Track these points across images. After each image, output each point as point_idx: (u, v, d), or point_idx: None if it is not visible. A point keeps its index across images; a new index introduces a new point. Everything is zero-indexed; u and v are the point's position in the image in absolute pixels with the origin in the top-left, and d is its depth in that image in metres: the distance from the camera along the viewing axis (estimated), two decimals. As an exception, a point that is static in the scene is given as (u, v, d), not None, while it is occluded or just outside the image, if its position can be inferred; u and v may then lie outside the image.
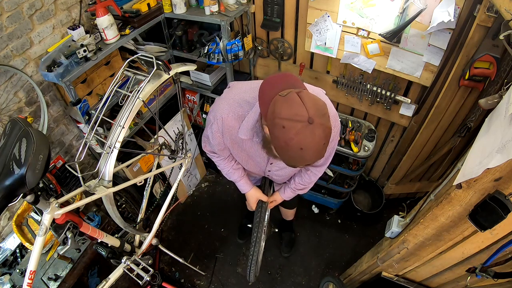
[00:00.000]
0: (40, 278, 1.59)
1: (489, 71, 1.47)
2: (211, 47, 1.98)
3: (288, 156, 0.86)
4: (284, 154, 0.87)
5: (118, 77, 1.29)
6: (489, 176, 0.81)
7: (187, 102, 2.63)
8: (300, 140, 0.81)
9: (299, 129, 0.80)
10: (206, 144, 1.36)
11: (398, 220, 1.41)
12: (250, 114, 1.06)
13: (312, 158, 0.85)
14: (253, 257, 1.46)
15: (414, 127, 2.04)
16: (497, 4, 1.09)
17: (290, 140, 0.81)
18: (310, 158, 0.85)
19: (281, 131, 0.82)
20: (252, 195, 1.53)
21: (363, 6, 1.63)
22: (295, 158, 0.86)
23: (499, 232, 0.95)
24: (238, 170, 1.44)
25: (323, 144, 0.84)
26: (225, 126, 1.13)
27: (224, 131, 1.15)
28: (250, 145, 1.20)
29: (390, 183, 2.47)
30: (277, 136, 0.84)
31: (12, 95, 1.58)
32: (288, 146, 0.82)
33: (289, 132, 0.81)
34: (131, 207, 2.17)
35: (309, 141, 0.81)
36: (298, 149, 0.82)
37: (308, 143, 0.82)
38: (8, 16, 1.43)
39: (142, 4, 1.84)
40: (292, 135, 0.81)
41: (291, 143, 0.81)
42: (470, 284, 1.21)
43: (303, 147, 0.81)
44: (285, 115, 0.81)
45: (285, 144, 0.83)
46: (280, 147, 0.86)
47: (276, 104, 0.84)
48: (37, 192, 1.01)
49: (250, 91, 1.11)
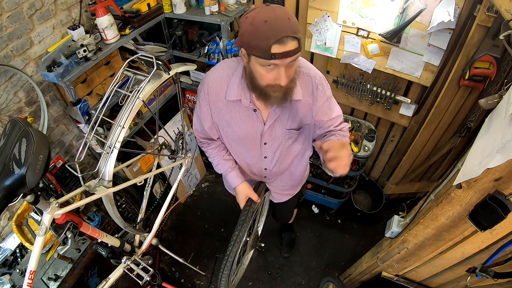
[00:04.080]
0: (40, 278, 1.59)
1: (489, 71, 1.48)
2: (211, 47, 1.98)
3: (259, 34, 0.86)
4: (255, 36, 0.87)
5: (118, 77, 1.28)
6: (489, 176, 0.81)
7: (187, 102, 2.63)
8: (262, 14, 0.86)
9: (259, 9, 0.88)
10: (197, 125, 1.31)
11: (398, 220, 1.41)
12: (235, 74, 1.08)
13: (280, 26, 0.85)
14: (228, 258, 1.26)
15: (414, 127, 2.04)
16: (497, 4, 1.09)
17: (253, 19, 0.86)
18: (279, 27, 0.85)
19: (245, 21, 0.89)
20: (241, 190, 1.37)
21: (363, 6, 1.63)
22: (266, 33, 0.85)
23: (499, 232, 0.95)
24: (228, 161, 1.36)
25: (288, 18, 0.86)
26: (211, 91, 1.12)
27: (210, 99, 1.14)
28: (239, 111, 1.14)
29: (390, 183, 2.47)
30: (244, 28, 0.89)
31: (12, 95, 1.58)
32: (253, 24, 0.86)
33: (251, 15, 0.88)
34: (131, 207, 2.17)
35: (271, 12, 0.86)
36: (263, 23, 0.84)
37: (270, 13, 0.86)
38: (8, 16, 1.43)
39: (142, 4, 1.84)
40: (254, 14, 0.87)
41: (255, 20, 0.86)
42: (470, 284, 1.21)
43: (267, 18, 0.84)
44: (250, 14, 0.90)
45: (251, 25, 0.86)
46: (249, 33, 0.87)
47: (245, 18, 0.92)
48: (37, 192, 1.01)
49: (233, 60, 1.14)
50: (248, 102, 1.10)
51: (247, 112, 1.14)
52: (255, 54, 0.89)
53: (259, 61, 0.90)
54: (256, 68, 0.94)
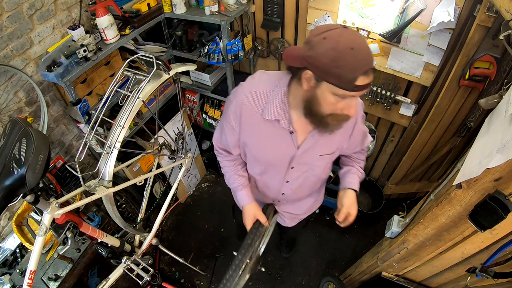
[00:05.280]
0: (40, 278, 1.59)
1: (489, 71, 1.47)
2: (211, 47, 1.98)
3: (345, 63, 0.76)
4: (338, 64, 0.76)
5: (118, 77, 1.29)
6: (489, 176, 0.81)
7: (187, 102, 2.63)
8: (347, 40, 0.75)
9: (340, 31, 0.77)
10: (218, 134, 1.21)
11: (398, 220, 1.41)
12: (275, 91, 0.97)
13: (368, 57, 0.78)
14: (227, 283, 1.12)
15: (414, 127, 2.04)
16: (497, 4, 1.09)
17: (337, 44, 0.75)
18: (366, 57, 0.77)
19: (324, 43, 0.76)
20: (250, 210, 1.26)
21: (363, 6, 1.63)
22: (352, 63, 0.75)
23: (499, 232, 0.95)
24: (242, 178, 1.26)
25: (367, 45, 0.79)
26: (245, 106, 1.00)
27: (242, 115, 1.02)
28: (273, 132, 1.02)
29: (390, 183, 2.47)
30: (323, 52, 0.76)
31: (12, 95, 1.58)
32: (339, 51, 0.75)
33: (332, 38, 0.76)
34: (131, 207, 2.17)
35: (355, 38, 0.77)
36: (349, 50, 0.75)
37: (356, 40, 0.77)
38: (8, 16, 1.43)
39: (142, 4, 1.84)
40: (337, 38, 0.76)
41: (340, 46, 0.75)
42: (470, 284, 1.21)
43: (353, 45, 0.75)
44: (321, 30, 0.79)
45: (334, 50, 0.75)
46: (331, 59, 0.76)
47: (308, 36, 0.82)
48: (37, 192, 1.01)
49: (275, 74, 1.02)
50: (287, 123, 0.98)
51: (283, 133, 1.02)
52: (333, 83, 0.79)
53: (336, 90, 0.80)
54: (326, 96, 0.84)
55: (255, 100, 0.99)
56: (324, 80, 0.81)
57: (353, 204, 1.19)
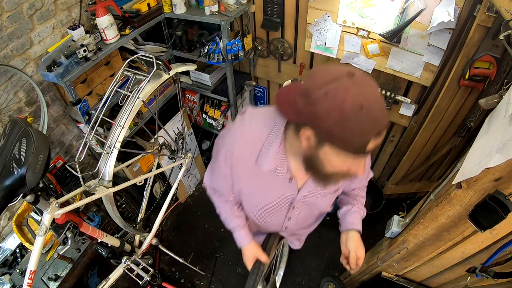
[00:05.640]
0: (40, 278, 1.59)
1: (489, 71, 1.47)
2: (211, 47, 1.98)
3: (351, 127, 0.62)
4: (346, 129, 0.62)
5: (118, 77, 1.29)
6: (489, 176, 0.81)
7: (187, 102, 2.63)
8: (355, 96, 0.60)
9: (346, 85, 0.61)
10: (209, 175, 1.11)
11: (398, 220, 1.41)
12: (271, 137, 0.85)
13: (380, 115, 0.64)
14: None
15: (414, 127, 2.04)
16: (497, 4, 1.09)
17: (343, 102, 0.60)
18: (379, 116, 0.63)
19: (326, 100, 0.62)
20: (249, 251, 1.18)
21: (363, 6, 1.63)
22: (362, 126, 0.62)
23: (499, 232, 0.95)
24: (239, 218, 1.16)
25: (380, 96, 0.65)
26: (237, 154, 0.90)
27: (233, 163, 0.92)
28: (271, 180, 0.92)
29: (390, 183, 2.47)
30: (326, 112, 0.62)
31: (12, 95, 1.58)
32: (345, 112, 0.60)
33: (336, 95, 0.61)
34: (131, 207, 2.17)
35: (365, 91, 0.62)
36: (358, 110, 0.60)
37: (366, 95, 0.62)
38: (8, 16, 1.43)
39: (142, 4, 1.85)
40: (342, 95, 0.60)
41: (346, 106, 0.60)
42: (470, 284, 1.21)
43: (363, 103, 0.60)
44: (321, 81, 0.63)
45: (340, 112, 0.61)
46: (336, 122, 0.62)
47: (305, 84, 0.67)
48: (37, 192, 1.01)
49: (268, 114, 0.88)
50: (285, 171, 0.88)
51: (281, 181, 0.92)
52: (338, 146, 0.67)
53: (341, 153, 0.69)
54: (330, 158, 0.72)
55: (247, 149, 0.88)
56: (328, 142, 0.68)
57: (359, 246, 1.10)
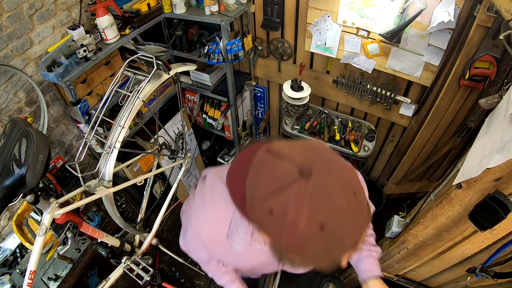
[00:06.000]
0: (40, 278, 1.59)
1: (489, 71, 1.47)
2: (211, 47, 1.98)
3: (314, 251, 0.49)
4: (306, 254, 0.50)
5: (118, 77, 1.29)
6: (489, 176, 0.81)
7: (187, 102, 2.63)
8: (311, 215, 0.46)
9: (296, 197, 0.46)
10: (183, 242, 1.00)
11: (398, 220, 1.41)
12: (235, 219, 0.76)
13: (351, 232, 0.49)
14: None
15: (414, 127, 2.04)
16: (497, 4, 1.09)
17: (294, 225, 0.46)
18: (347, 235, 0.49)
19: (272, 221, 0.48)
20: None
21: (363, 6, 1.63)
22: (328, 249, 0.48)
23: (499, 232, 0.95)
24: (227, 274, 1.07)
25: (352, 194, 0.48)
26: (205, 237, 0.81)
27: (204, 242, 0.84)
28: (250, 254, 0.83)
29: (390, 183, 2.47)
30: (276, 234, 0.49)
31: (12, 95, 1.58)
32: (299, 237, 0.46)
33: (285, 216, 0.46)
34: (131, 207, 2.17)
35: (327, 202, 0.47)
36: (318, 232, 0.46)
37: (327, 207, 0.46)
38: (8, 16, 1.43)
39: (142, 4, 1.84)
40: (292, 216, 0.46)
41: (299, 229, 0.46)
42: (470, 284, 1.21)
43: (323, 221, 0.46)
44: (263, 191, 0.49)
45: (292, 237, 0.47)
46: (292, 247, 0.49)
47: (249, 186, 0.54)
48: (37, 192, 1.01)
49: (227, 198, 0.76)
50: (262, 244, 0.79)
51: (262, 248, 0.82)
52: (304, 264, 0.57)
53: None
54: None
55: (215, 230, 0.79)
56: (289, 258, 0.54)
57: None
